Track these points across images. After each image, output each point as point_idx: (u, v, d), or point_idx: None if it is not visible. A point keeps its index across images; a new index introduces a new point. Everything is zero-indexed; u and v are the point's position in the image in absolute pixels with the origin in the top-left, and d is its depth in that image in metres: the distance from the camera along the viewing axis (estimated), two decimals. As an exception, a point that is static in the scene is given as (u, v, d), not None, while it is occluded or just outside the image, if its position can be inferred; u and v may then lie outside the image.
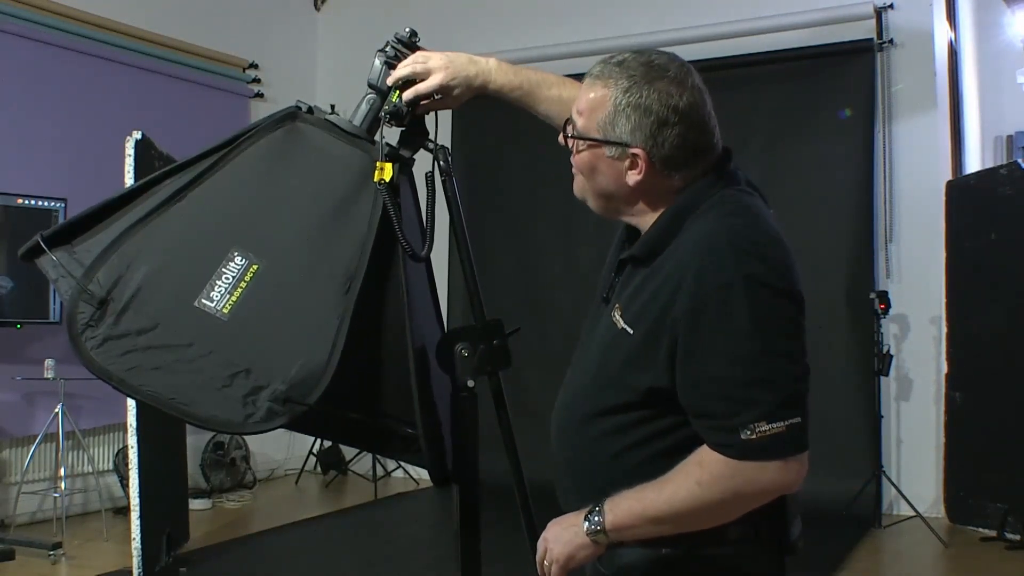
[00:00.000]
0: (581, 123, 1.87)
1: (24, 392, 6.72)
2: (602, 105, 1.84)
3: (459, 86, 2.21)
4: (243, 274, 1.89)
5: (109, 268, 1.90)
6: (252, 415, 1.87)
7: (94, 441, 7.25)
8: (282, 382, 1.88)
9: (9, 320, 6.40)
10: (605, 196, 1.90)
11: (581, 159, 1.89)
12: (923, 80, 7.15)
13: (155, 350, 1.87)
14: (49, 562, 5.84)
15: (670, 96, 1.82)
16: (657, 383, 1.76)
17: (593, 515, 1.83)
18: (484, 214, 8.41)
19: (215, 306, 1.87)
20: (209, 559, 6.01)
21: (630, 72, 1.83)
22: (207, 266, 1.90)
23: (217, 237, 1.94)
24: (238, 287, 1.89)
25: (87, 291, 1.88)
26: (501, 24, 8.68)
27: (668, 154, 1.82)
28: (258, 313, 1.90)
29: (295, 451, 9.03)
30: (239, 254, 1.90)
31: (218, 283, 1.89)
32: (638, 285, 1.83)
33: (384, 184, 1.96)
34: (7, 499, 6.59)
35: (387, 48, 2.26)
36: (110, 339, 1.88)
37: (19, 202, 6.43)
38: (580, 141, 1.87)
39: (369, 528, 7.26)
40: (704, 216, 1.81)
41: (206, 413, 1.87)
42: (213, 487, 7.93)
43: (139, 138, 5.46)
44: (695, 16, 7.78)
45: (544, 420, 7.61)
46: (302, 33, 9.53)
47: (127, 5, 7.67)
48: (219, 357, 1.88)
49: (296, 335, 1.93)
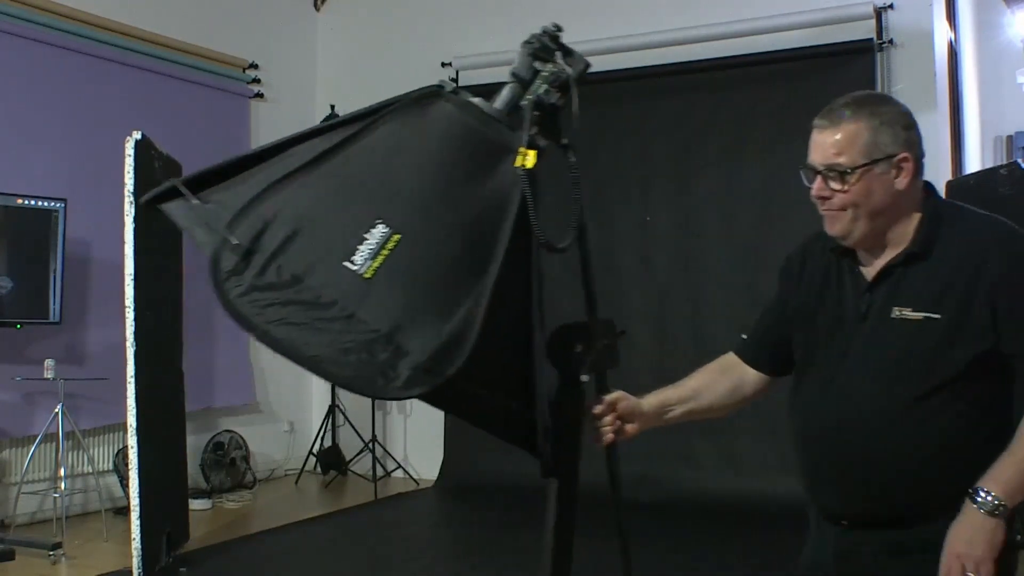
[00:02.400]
0: (846, 160, 2.17)
1: (24, 392, 6.72)
2: (857, 136, 2.17)
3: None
4: (385, 242, 1.88)
5: (253, 220, 1.89)
6: (393, 381, 1.84)
7: (94, 441, 7.25)
8: (422, 352, 1.85)
9: (9, 320, 6.39)
10: (877, 213, 2.19)
11: (856, 190, 2.18)
12: (923, 80, 7.14)
13: (298, 305, 1.86)
14: (49, 562, 5.84)
15: (899, 108, 2.24)
16: (981, 348, 2.13)
17: (981, 497, 2.07)
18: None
19: (358, 269, 1.86)
20: (209, 559, 6.01)
21: (859, 105, 2.21)
22: (351, 230, 1.89)
23: (361, 204, 1.94)
24: (379, 254, 1.88)
25: (232, 240, 1.86)
26: (498, 25, 8.67)
27: (920, 152, 2.22)
28: (399, 282, 1.89)
29: (295, 451, 9.05)
30: (381, 223, 1.90)
31: (360, 248, 1.87)
32: (921, 279, 2.18)
33: (526, 171, 1.97)
34: (7, 499, 6.59)
35: (533, 40, 2.25)
36: (255, 289, 1.87)
37: (19, 202, 6.43)
38: (852, 175, 2.16)
39: (369, 528, 7.26)
40: (962, 214, 2.26)
41: (346, 374, 1.85)
42: (213, 487, 7.94)
43: (139, 138, 5.47)
44: (695, 16, 7.78)
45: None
46: (302, 33, 9.54)
47: (127, 5, 7.68)
48: (361, 320, 1.87)
49: (435, 308, 1.92)
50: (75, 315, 7.00)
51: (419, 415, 8.93)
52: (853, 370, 2.25)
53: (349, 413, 8.96)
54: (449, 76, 8.77)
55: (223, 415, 8.42)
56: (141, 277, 5.39)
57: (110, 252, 6.47)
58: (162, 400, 5.84)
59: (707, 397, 2.56)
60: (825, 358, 2.32)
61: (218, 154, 7.15)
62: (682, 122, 7.86)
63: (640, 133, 7.96)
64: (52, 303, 6.54)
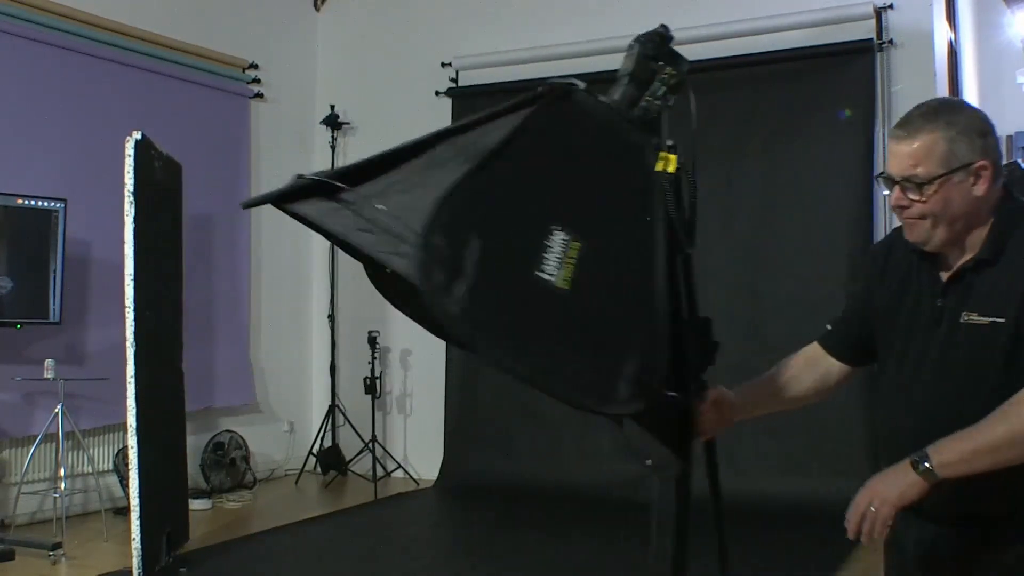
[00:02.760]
0: (923, 171, 2.20)
1: (24, 392, 6.72)
2: (934, 146, 2.20)
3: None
4: (566, 250, 1.84)
5: (447, 228, 1.76)
6: (614, 395, 1.83)
7: (94, 441, 7.25)
8: (632, 364, 1.85)
9: (9, 320, 6.40)
10: (955, 220, 2.23)
11: (934, 200, 2.21)
12: (923, 80, 7.12)
13: (507, 316, 1.80)
14: (49, 562, 5.85)
15: (976, 116, 2.29)
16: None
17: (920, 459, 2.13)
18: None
19: (552, 280, 1.81)
20: (209, 559, 6.02)
21: (936, 114, 2.24)
22: (534, 240, 1.83)
23: (535, 211, 1.88)
24: (565, 263, 1.83)
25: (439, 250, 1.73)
26: (499, 25, 8.69)
27: (996, 157, 2.26)
28: (592, 292, 1.86)
29: (295, 451, 9.06)
30: (558, 230, 1.85)
31: (547, 256, 1.82)
32: (988, 283, 2.23)
33: (667, 175, 2.00)
34: (7, 499, 6.60)
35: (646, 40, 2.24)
36: (472, 303, 1.76)
37: (19, 202, 6.43)
38: (930, 186, 2.20)
39: (369, 528, 7.27)
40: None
41: (569, 390, 1.82)
42: (213, 487, 7.95)
43: (139, 138, 5.47)
44: (695, 16, 7.74)
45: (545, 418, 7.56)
46: (302, 33, 9.53)
47: (127, 6, 7.68)
48: (569, 334, 1.84)
49: (626, 317, 1.92)
50: (75, 315, 7.01)
51: (419, 415, 8.95)
52: (928, 374, 2.31)
53: (349, 413, 8.97)
54: (449, 76, 8.78)
55: (223, 415, 8.42)
56: (141, 277, 5.40)
57: (110, 252, 6.47)
58: (162, 400, 5.84)
59: (795, 389, 2.61)
60: (903, 359, 2.38)
61: (218, 154, 7.19)
62: (685, 121, 7.86)
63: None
64: (52, 303, 6.54)
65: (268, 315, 9.02)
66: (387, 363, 9.02)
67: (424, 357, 8.86)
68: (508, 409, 8.30)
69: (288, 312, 9.30)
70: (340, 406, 9.07)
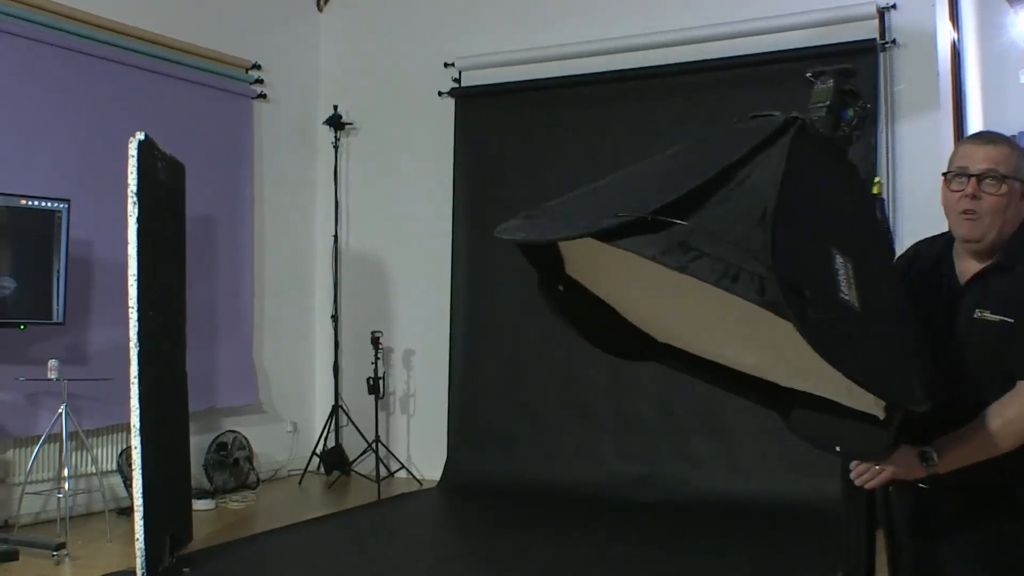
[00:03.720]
0: (1003, 169, 2.52)
1: (27, 393, 6.74)
2: (1009, 156, 2.54)
3: None
4: (847, 271, 2.02)
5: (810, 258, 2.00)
6: (914, 396, 2.04)
7: (97, 441, 7.27)
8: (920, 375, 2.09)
9: (13, 321, 6.42)
10: (1004, 225, 2.55)
11: (1000, 197, 2.53)
12: (926, 80, 7.16)
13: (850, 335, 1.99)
14: (53, 562, 5.85)
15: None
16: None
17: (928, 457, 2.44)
18: (487, 209, 8.44)
19: (851, 300, 2.00)
20: (213, 559, 6.03)
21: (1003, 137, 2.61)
22: (827, 263, 2.02)
23: (820, 235, 2.07)
24: (850, 283, 2.01)
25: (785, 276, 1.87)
26: (502, 26, 8.71)
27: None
28: (872, 307, 2.06)
29: (298, 452, 9.07)
30: (836, 252, 2.03)
31: (839, 279, 2.00)
32: (1004, 287, 2.53)
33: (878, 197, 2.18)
34: (11, 500, 6.62)
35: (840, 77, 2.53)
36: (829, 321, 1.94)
37: (23, 203, 6.45)
38: (1006, 182, 2.52)
39: (372, 528, 7.29)
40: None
41: (889, 393, 2.04)
42: (216, 488, 7.97)
43: (142, 139, 5.49)
44: (698, 16, 7.81)
45: (547, 419, 7.56)
46: (305, 34, 9.55)
47: (130, 6, 7.70)
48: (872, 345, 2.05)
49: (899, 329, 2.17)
50: (78, 316, 7.03)
51: (422, 416, 8.97)
52: (946, 361, 2.54)
53: (352, 414, 8.98)
54: (452, 76, 8.80)
55: (226, 415, 8.44)
56: (144, 277, 5.41)
57: (113, 253, 6.48)
58: (165, 400, 5.85)
59: None
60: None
61: (221, 155, 7.18)
62: (685, 122, 7.86)
63: (644, 132, 7.96)
64: (55, 303, 6.56)
65: (271, 315, 9.04)
66: (390, 363, 9.03)
67: (427, 358, 8.90)
68: (511, 409, 8.34)
69: (291, 312, 9.32)
70: (343, 406, 9.08)
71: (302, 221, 9.48)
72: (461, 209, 8.68)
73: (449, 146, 8.77)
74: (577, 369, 8.02)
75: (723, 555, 6.14)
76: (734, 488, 7.29)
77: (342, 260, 9.30)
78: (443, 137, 8.80)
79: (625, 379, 7.85)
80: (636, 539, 6.64)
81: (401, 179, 9.15)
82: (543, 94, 8.49)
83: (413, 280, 9.08)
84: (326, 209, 9.42)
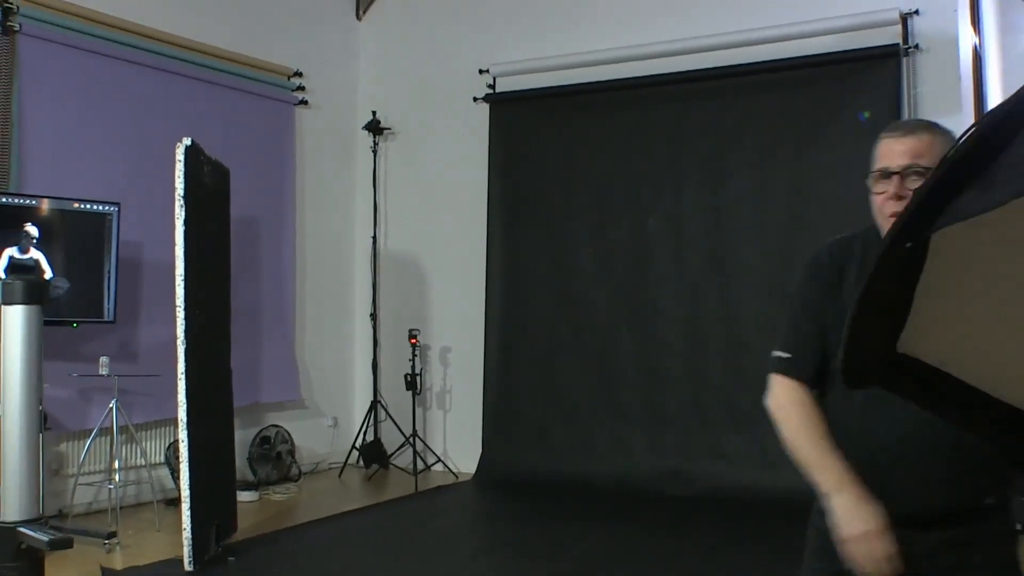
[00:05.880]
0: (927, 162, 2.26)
1: (80, 388, 6.85)
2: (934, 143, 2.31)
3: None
4: None
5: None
6: None
7: (146, 435, 7.40)
8: None
9: (66, 319, 6.50)
10: None
11: None
12: (948, 84, 7.20)
13: None
14: (104, 550, 5.94)
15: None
16: None
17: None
18: (518, 211, 8.59)
19: None
20: (256, 549, 6.13)
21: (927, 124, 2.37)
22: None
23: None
24: None
25: None
26: (535, 32, 8.81)
27: None
28: None
29: (338, 446, 9.20)
30: None
31: None
32: None
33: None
34: (65, 490, 6.73)
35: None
36: None
37: (75, 206, 6.58)
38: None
39: (410, 519, 7.34)
40: None
41: None
42: (260, 480, 8.09)
43: (189, 144, 5.60)
44: (724, 23, 7.88)
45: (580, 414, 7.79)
46: (344, 41, 9.67)
47: (178, 18, 7.86)
48: None
49: None
50: (128, 314, 7.15)
51: (458, 411, 9.07)
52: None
53: (390, 409, 9.08)
54: (486, 83, 8.90)
55: (269, 410, 8.57)
56: (191, 277, 5.52)
57: (161, 254, 6.65)
58: (211, 396, 5.93)
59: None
60: None
61: (264, 159, 7.45)
62: (714, 126, 7.94)
63: (673, 137, 8.05)
64: (107, 303, 6.68)
65: (313, 314, 9.16)
66: (427, 360, 9.15)
67: (463, 355, 9.00)
68: (544, 405, 8.41)
69: (332, 311, 9.43)
70: (382, 402, 9.18)
71: (342, 223, 9.58)
72: (496, 211, 8.76)
73: (484, 150, 8.85)
74: (609, 366, 8.12)
75: (754, 549, 6.14)
76: (764, 483, 7.23)
77: (381, 260, 9.42)
78: (478, 141, 8.88)
79: (657, 375, 7.97)
80: (668, 532, 6.65)
81: (437, 182, 9.24)
82: (576, 99, 8.54)
83: (449, 280, 9.16)
84: (365, 211, 9.52)
